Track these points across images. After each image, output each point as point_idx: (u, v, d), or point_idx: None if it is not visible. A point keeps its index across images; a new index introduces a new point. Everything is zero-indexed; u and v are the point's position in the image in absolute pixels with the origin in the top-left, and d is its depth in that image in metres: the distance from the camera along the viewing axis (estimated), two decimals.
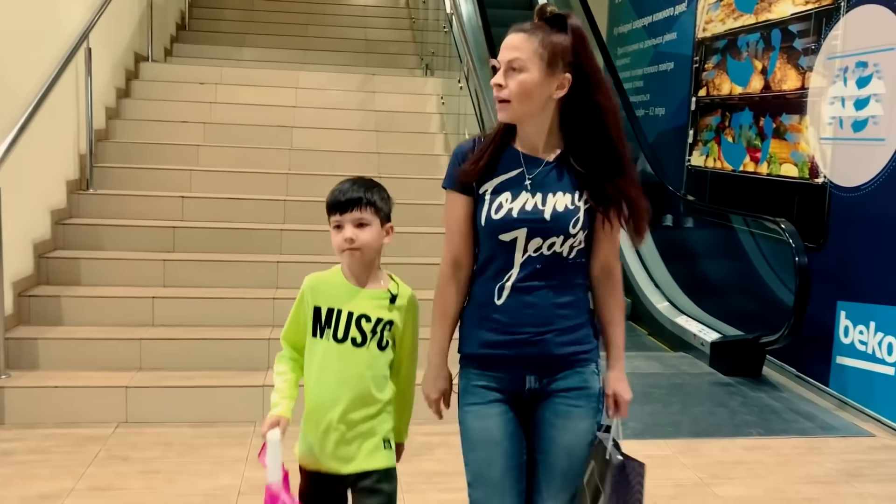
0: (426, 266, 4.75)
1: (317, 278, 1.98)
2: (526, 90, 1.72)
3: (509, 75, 1.73)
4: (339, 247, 1.90)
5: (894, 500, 3.22)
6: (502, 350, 1.81)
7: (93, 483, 3.10)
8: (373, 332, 1.91)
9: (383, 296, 1.94)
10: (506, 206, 1.76)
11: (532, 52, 1.71)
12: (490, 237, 1.78)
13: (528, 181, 1.77)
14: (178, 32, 7.83)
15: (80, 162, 5.08)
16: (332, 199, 1.91)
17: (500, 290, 1.79)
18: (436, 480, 3.24)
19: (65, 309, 4.15)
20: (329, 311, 1.92)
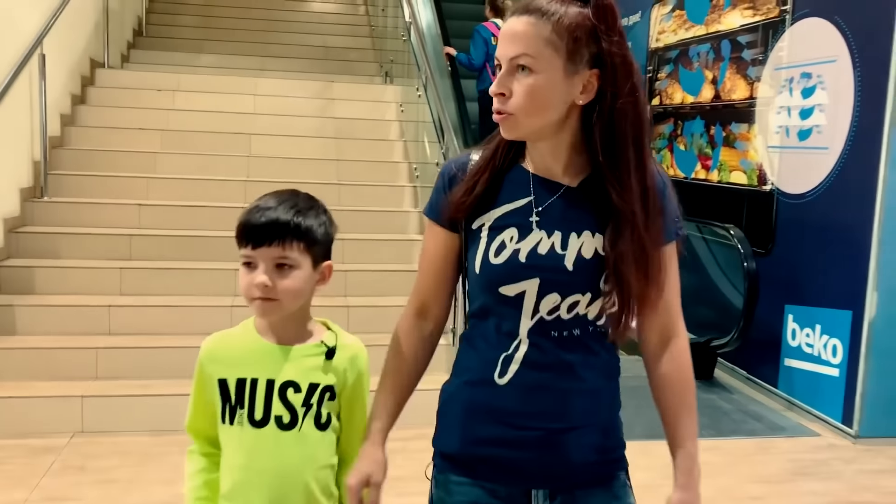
0: (386, 273, 4.82)
1: (217, 341, 1.43)
2: (538, 99, 1.24)
3: (514, 78, 1.25)
4: (248, 293, 1.35)
5: (836, 496, 3.34)
6: (501, 450, 1.32)
7: (48, 494, 3.08)
8: (305, 406, 1.38)
9: (315, 351, 1.41)
10: (510, 247, 1.29)
11: (544, 43, 1.22)
12: (487, 289, 1.32)
13: (538, 214, 1.30)
14: (135, 38, 7.76)
15: (34, 169, 5.03)
16: (244, 222, 1.35)
17: (504, 364, 1.31)
18: (394, 485, 3.26)
19: (18, 318, 4.11)
20: (240, 383, 1.37)
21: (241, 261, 1.36)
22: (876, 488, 3.44)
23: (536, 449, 1.30)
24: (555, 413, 1.30)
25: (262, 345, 1.41)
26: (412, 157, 5.97)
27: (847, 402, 4.00)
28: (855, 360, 3.95)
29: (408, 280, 4.89)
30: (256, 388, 1.38)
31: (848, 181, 4.03)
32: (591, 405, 1.33)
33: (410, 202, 5.57)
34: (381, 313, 4.50)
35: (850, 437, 3.95)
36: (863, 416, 3.92)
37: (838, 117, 4.08)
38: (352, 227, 5.18)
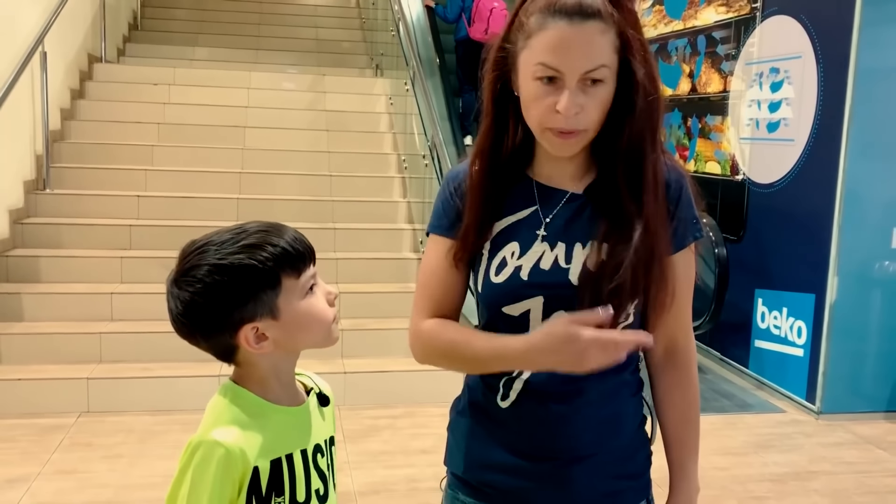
0: (377, 261, 5.05)
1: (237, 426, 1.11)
2: (607, 109, 1.14)
3: (584, 92, 1.11)
4: (330, 315, 1.18)
5: (794, 466, 3.57)
6: (505, 477, 1.22)
7: (58, 468, 3.31)
8: (328, 468, 1.22)
9: (314, 403, 1.25)
10: (511, 264, 1.19)
11: (612, 50, 1.11)
12: (490, 309, 1.22)
13: (545, 225, 1.20)
14: (130, 32, 7.93)
15: (36, 162, 5.23)
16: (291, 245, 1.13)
17: (505, 388, 1.21)
18: (381, 459, 3.51)
19: (25, 305, 4.32)
20: (275, 466, 1.12)
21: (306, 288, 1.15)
22: (833, 459, 3.68)
23: (541, 480, 1.20)
24: (561, 442, 1.19)
25: (282, 412, 1.16)
26: (401, 149, 6.18)
27: (810, 380, 4.24)
28: (818, 341, 4.19)
29: (397, 267, 5.15)
30: (294, 463, 1.14)
31: (812, 171, 4.25)
32: (603, 431, 1.21)
33: (399, 192, 5.78)
34: (370, 299, 4.74)
35: (813, 413, 4.19)
36: (825, 393, 4.15)
37: (803, 110, 4.30)
38: (343, 216, 5.41)
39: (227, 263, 1.10)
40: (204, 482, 1.06)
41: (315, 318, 1.15)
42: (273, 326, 1.12)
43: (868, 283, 4.13)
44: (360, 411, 4.02)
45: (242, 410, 1.13)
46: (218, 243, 1.12)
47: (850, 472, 3.54)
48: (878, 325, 4.17)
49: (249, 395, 1.15)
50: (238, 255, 1.10)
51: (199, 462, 1.07)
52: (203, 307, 1.11)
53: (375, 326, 4.54)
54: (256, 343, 1.12)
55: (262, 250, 1.10)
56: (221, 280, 1.09)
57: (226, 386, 1.18)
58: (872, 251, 4.11)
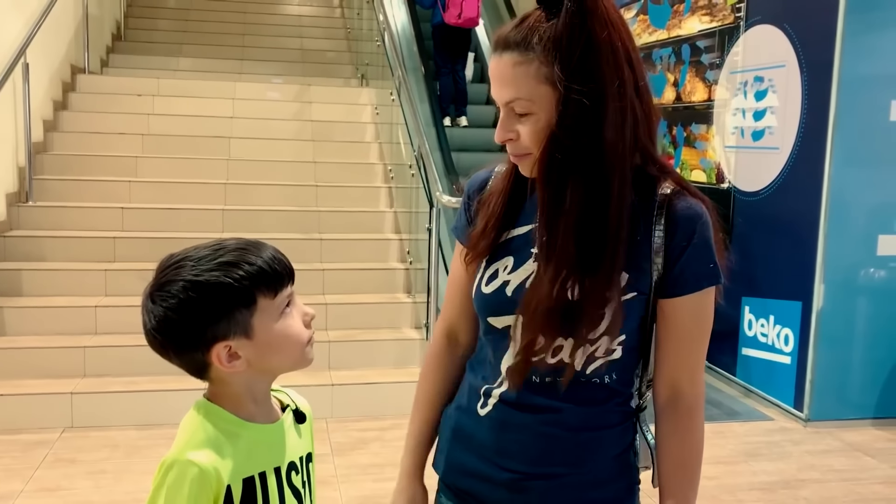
0: (363, 272, 5.02)
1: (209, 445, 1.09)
2: (545, 135, 1.10)
3: (515, 120, 1.13)
4: (305, 336, 1.16)
5: (783, 475, 3.57)
6: (477, 483, 1.23)
7: (42, 485, 3.26)
8: (304, 486, 1.21)
9: (289, 421, 1.22)
10: (501, 278, 1.19)
11: (535, 82, 1.08)
12: (480, 316, 1.24)
13: (534, 245, 1.18)
14: (113, 43, 7.89)
15: (19, 175, 5.18)
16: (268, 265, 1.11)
17: (485, 396, 1.22)
18: (370, 471, 3.48)
19: (7, 319, 4.26)
20: (248, 484, 1.11)
21: (282, 308, 1.13)
22: (821, 466, 3.68)
23: (506, 490, 1.20)
24: (528, 456, 1.18)
25: (255, 430, 1.14)
26: (387, 159, 6.16)
27: (798, 387, 4.24)
28: (805, 348, 4.20)
29: (384, 278, 5.13)
30: (267, 483, 1.13)
31: (797, 179, 4.27)
32: (578, 454, 1.18)
33: (386, 202, 5.76)
34: (358, 310, 4.72)
35: (800, 421, 4.19)
36: (812, 400, 4.16)
37: (787, 119, 4.32)
38: (329, 227, 5.38)
39: (202, 280, 1.08)
40: (178, 502, 1.05)
41: (289, 339, 1.13)
42: (246, 345, 1.10)
43: (854, 290, 4.15)
44: (349, 423, 3.99)
45: (216, 428, 1.11)
46: (195, 259, 1.10)
47: (839, 480, 3.55)
48: (865, 331, 4.18)
49: (223, 413, 1.13)
50: (214, 273, 1.08)
51: (172, 482, 1.05)
52: (176, 323, 1.08)
53: (363, 337, 4.52)
54: (229, 361, 1.10)
55: (239, 268, 1.09)
56: (195, 297, 1.07)
57: (199, 403, 1.16)
58: (858, 258, 4.13)
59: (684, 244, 1.15)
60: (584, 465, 1.19)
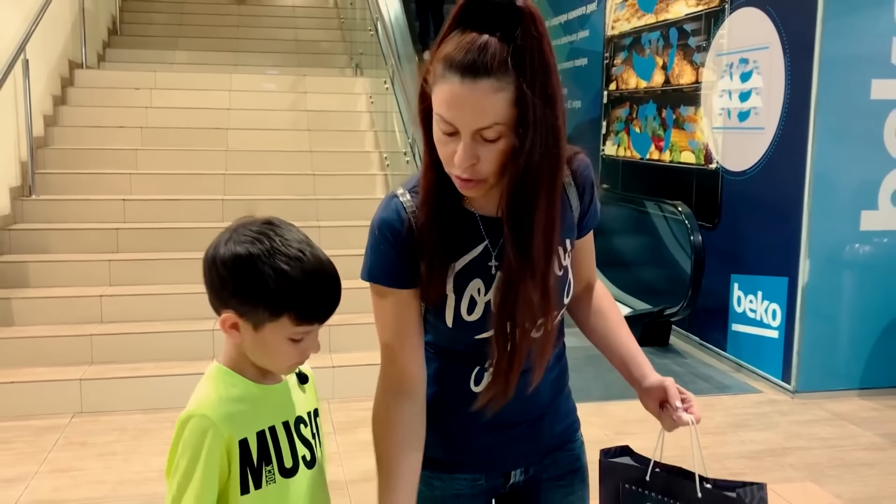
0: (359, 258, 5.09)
1: (220, 402, 1.21)
2: (507, 159, 1.14)
3: (478, 144, 1.12)
4: (293, 361, 1.25)
5: (770, 444, 3.70)
6: (486, 449, 1.37)
7: (55, 466, 3.38)
8: (313, 437, 1.34)
9: (294, 380, 1.35)
10: (480, 302, 1.26)
11: (509, 106, 1.10)
12: (460, 338, 1.31)
13: (495, 260, 1.25)
14: (109, 37, 7.97)
15: (21, 169, 5.28)
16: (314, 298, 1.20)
17: (478, 375, 1.33)
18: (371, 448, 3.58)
19: (16, 310, 4.38)
20: (260, 437, 1.23)
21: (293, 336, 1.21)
22: (807, 435, 3.81)
23: (518, 440, 1.37)
24: (530, 406, 1.36)
25: (264, 389, 1.27)
26: (382, 147, 6.26)
27: (785, 360, 4.37)
28: (791, 323, 4.32)
29: None
30: (277, 435, 1.25)
31: (781, 158, 4.38)
32: (554, 390, 1.41)
33: (382, 190, 5.87)
34: (357, 294, 4.79)
35: (788, 393, 4.32)
36: (799, 372, 4.29)
37: (772, 99, 4.43)
38: (326, 214, 5.49)
39: (259, 270, 1.16)
40: (196, 453, 1.16)
41: (281, 356, 1.23)
42: (248, 330, 1.21)
43: (839, 264, 4.26)
44: (350, 403, 4.11)
45: (227, 388, 1.23)
46: (280, 245, 1.18)
47: (824, 447, 3.67)
48: (850, 305, 4.30)
49: (232, 374, 1.25)
50: (272, 276, 1.16)
51: (188, 435, 1.17)
52: (220, 277, 1.20)
53: (362, 321, 4.61)
54: (228, 328, 1.21)
55: (291, 286, 1.16)
56: (245, 274, 1.17)
57: (213, 367, 1.28)
58: (842, 234, 4.24)
59: (591, 197, 1.35)
60: (560, 394, 1.44)
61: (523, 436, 1.37)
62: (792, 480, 3.32)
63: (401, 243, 1.25)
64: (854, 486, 3.27)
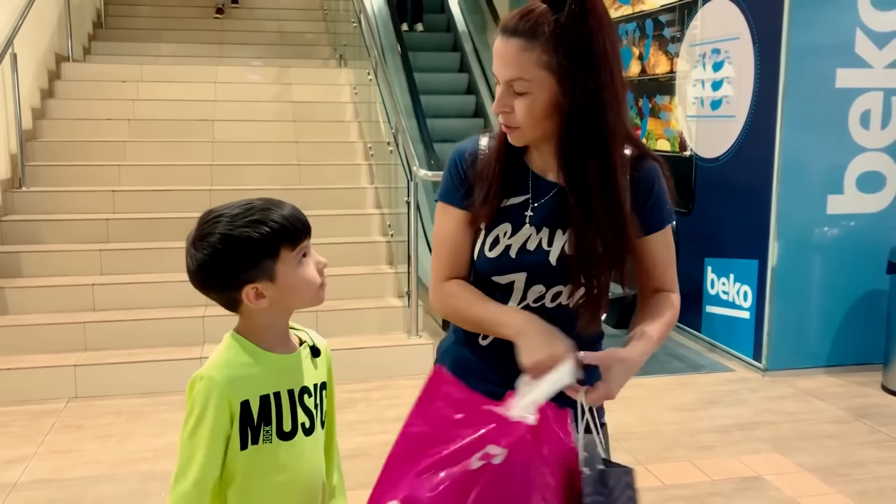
0: (347, 245, 5.27)
1: (228, 366, 1.36)
2: (539, 114, 1.33)
3: (512, 96, 1.33)
4: (318, 280, 1.38)
5: (739, 418, 3.88)
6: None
7: (52, 448, 3.51)
8: (316, 408, 1.45)
9: (305, 353, 1.45)
10: (503, 243, 1.42)
11: (536, 66, 1.28)
12: (481, 277, 1.47)
13: (532, 211, 1.42)
14: (95, 30, 8.02)
15: (11, 161, 5.37)
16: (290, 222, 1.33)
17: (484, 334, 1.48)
18: (357, 427, 3.75)
19: (10, 299, 4.49)
20: (263, 400, 1.36)
21: (299, 258, 1.35)
22: (776, 411, 3.98)
23: None
24: None
25: (273, 358, 1.39)
26: (367, 137, 6.38)
27: (756, 340, 4.54)
28: (762, 304, 4.49)
29: (366, 250, 5.38)
30: (281, 401, 1.38)
31: (751, 145, 4.54)
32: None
33: (367, 179, 5.99)
34: (343, 281, 4.96)
35: (759, 371, 4.50)
36: (769, 352, 4.46)
37: (742, 88, 4.58)
38: (312, 204, 5.58)
39: (234, 235, 1.30)
40: (204, 411, 1.31)
41: (305, 282, 1.36)
42: (270, 287, 1.33)
43: (807, 247, 4.43)
44: (337, 386, 4.21)
45: (238, 354, 1.37)
46: (230, 216, 1.32)
47: (791, 421, 3.85)
48: (818, 286, 4.47)
49: (245, 342, 1.38)
50: (244, 229, 1.30)
51: (198, 392, 1.32)
52: (213, 268, 1.32)
53: (349, 307, 4.77)
54: (256, 300, 1.34)
55: (265, 225, 1.30)
56: (230, 248, 1.30)
57: (229, 334, 1.41)
58: (810, 217, 4.41)
59: (648, 192, 1.43)
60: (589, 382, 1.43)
61: None
62: (759, 452, 3.49)
63: (462, 169, 1.46)
64: (817, 457, 3.45)
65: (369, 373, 4.38)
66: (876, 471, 3.32)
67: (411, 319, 4.63)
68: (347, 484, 1.65)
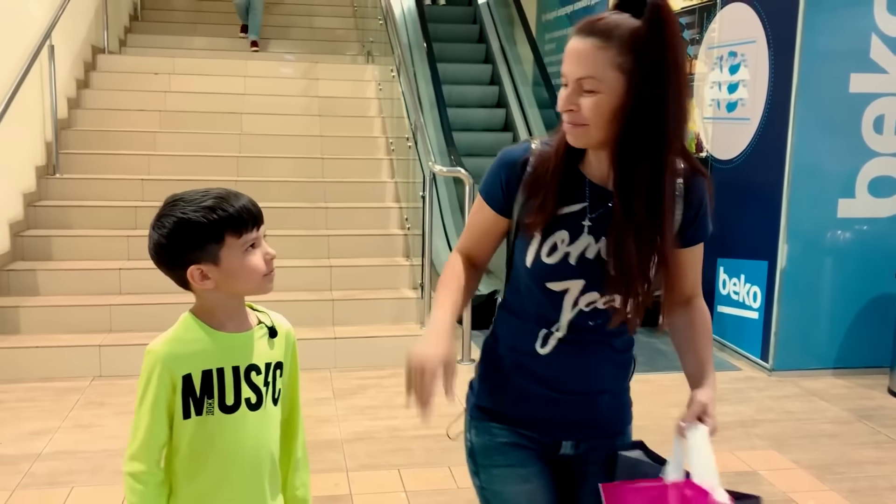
0: (365, 237, 5.41)
1: (172, 342, 1.47)
2: (606, 115, 1.33)
3: (580, 95, 1.33)
4: (262, 270, 1.46)
5: (743, 415, 3.95)
6: (542, 408, 1.52)
7: (76, 422, 3.69)
8: (265, 385, 1.51)
9: (260, 333, 1.53)
10: (561, 250, 1.43)
11: (609, 66, 1.30)
12: (535, 282, 1.47)
13: (591, 220, 1.43)
14: (131, 23, 8.24)
15: (46, 149, 5.59)
16: (240, 210, 1.42)
17: (544, 338, 1.49)
18: (367, 412, 3.88)
19: (40, 281, 4.69)
20: (205, 375, 1.45)
21: (245, 247, 1.43)
22: (777, 409, 4.04)
23: (573, 408, 1.50)
24: (589, 380, 1.50)
25: (221, 336, 1.47)
26: (389, 132, 6.51)
27: (764, 340, 4.60)
28: (770, 304, 4.54)
29: (384, 243, 5.51)
30: (224, 376, 1.46)
31: (764, 148, 4.59)
32: (615, 373, 1.53)
33: (388, 173, 6.12)
34: (360, 272, 5.11)
35: (765, 371, 4.55)
36: (776, 352, 4.52)
37: (757, 91, 4.63)
38: (334, 196, 5.76)
39: (186, 218, 1.40)
40: (149, 381, 1.44)
41: (248, 270, 1.44)
42: (214, 270, 1.43)
43: (816, 250, 4.48)
44: (350, 373, 4.38)
45: (187, 330, 1.48)
46: (186, 201, 1.42)
47: (791, 420, 3.91)
48: (826, 288, 4.52)
49: (196, 321, 1.48)
50: (196, 213, 1.40)
51: (143, 366, 1.45)
52: (164, 247, 1.43)
53: (364, 297, 4.91)
54: (201, 280, 1.43)
55: (214, 212, 1.40)
56: (180, 230, 1.40)
57: (185, 313, 1.52)
58: (820, 221, 4.45)
59: (695, 213, 1.50)
60: (619, 381, 1.55)
61: (579, 405, 1.50)
62: (756, 448, 3.56)
63: (509, 175, 1.47)
64: (813, 455, 3.51)
65: (382, 360, 4.50)
66: (871, 470, 3.38)
67: (424, 311, 4.75)
68: (351, 464, 1.73)
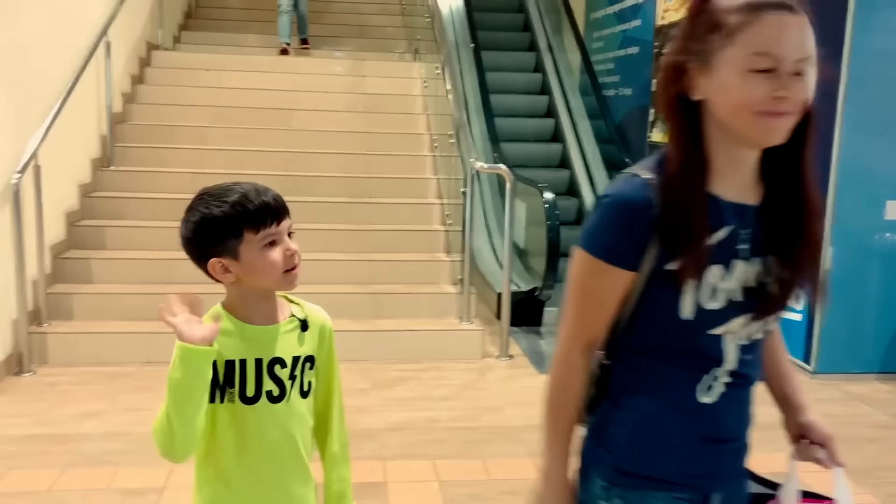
0: (408, 232, 5.48)
1: None
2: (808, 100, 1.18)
3: (792, 79, 1.14)
4: (284, 266, 1.45)
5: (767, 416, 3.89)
6: (701, 463, 1.29)
7: (124, 405, 3.82)
8: (291, 379, 1.51)
9: (290, 326, 1.52)
10: (722, 289, 1.21)
11: (814, 45, 1.17)
12: (695, 332, 1.23)
13: (741, 244, 1.22)
14: (185, 20, 8.45)
15: (101, 142, 5.77)
16: (260, 206, 1.42)
17: (708, 384, 1.26)
18: (404, 403, 3.95)
19: (94, 269, 4.86)
20: (228, 365, 1.46)
21: (264, 242, 1.42)
22: (819, 412, 3.93)
23: (731, 455, 1.33)
24: (745, 422, 1.33)
25: (246, 328, 1.48)
26: (433, 129, 6.57)
27: (807, 342, 4.54)
28: (813, 307, 4.48)
29: (426, 238, 5.59)
30: (246, 368, 1.46)
31: None
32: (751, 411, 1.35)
33: (431, 170, 6.19)
34: (402, 267, 5.18)
35: (808, 373, 4.50)
36: (819, 354, 4.46)
37: None
38: (378, 192, 5.84)
39: (208, 213, 1.42)
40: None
41: (266, 265, 1.43)
42: (234, 264, 1.44)
43: (862, 252, 4.41)
44: (389, 365, 4.45)
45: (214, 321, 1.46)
46: (211, 195, 1.44)
47: (832, 424, 3.77)
48: (872, 292, 4.45)
49: (223, 312, 1.49)
50: (217, 209, 1.41)
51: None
52: (191, 241, 1.46)
53: (406, 291, 4.98)
54: (223, 273, 1.45)
55: (233, 207, 1.40)
56: (202, 225, 1.43)
57: (214, 306, 1.52)
58: (866, 223, 4.38)
59: None
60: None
61: (734, 452, 1.33)
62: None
63: (637, 222, 1.19)
64: (852, 459, 3.40)
65: (421, 354, 4.56)
66: None
67: (463, 306, 4.80)
68: (385, 454, 1.72)
